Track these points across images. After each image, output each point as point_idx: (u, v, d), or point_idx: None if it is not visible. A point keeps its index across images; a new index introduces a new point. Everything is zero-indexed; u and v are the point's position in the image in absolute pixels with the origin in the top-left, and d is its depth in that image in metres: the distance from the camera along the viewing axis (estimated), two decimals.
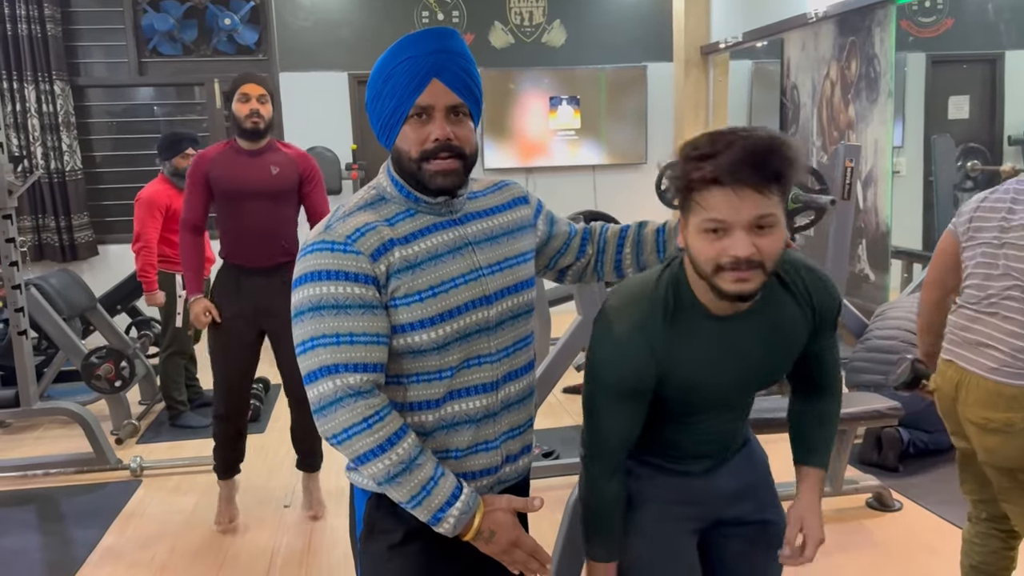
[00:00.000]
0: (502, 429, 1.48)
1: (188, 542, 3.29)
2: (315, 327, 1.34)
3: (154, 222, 4.45)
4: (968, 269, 2.15)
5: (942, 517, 3.25)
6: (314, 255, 1.36)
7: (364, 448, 1.33)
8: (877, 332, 4.02)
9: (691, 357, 1.43)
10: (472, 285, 1.42)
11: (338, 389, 1.33)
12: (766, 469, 1.69)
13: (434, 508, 1.35)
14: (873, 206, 4.97)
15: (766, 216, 1.28)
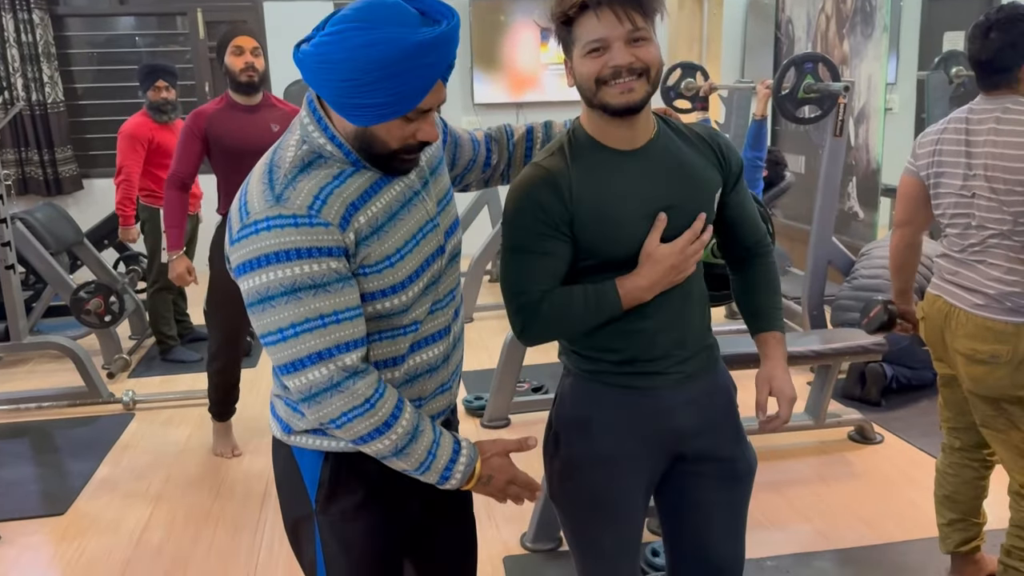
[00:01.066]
0: (452, 370, 1.48)
1: (183, 472, 3.34)
2: (295, 312, 1.22)
3: (136, 156, 4.40)
4: (945, 219, 2.18)
5: (922, 449, 3.33)
6: (273, 232, 1.21)
7: (368, 428, 1.28)
8: (863, 271, 4.05)
9: (598, 190, 1.45)
10: (429, 237, 1.37)
11: (333, 373, 1.25)
12: (731, 403, 1.64)
13: (441, 468, 1.34)
14: (864, 143, 4.95)
15: (639, 30, 1.38)
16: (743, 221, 1.63)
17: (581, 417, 1.56)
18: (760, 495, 3.00)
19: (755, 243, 1.65)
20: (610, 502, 1.57)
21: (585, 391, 1.57)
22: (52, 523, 2.98)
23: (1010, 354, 2.02)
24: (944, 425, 2.40)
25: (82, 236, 4.97)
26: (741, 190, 1.62)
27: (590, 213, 1.44)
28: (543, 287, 1.48)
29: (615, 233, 1.46)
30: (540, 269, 1.47)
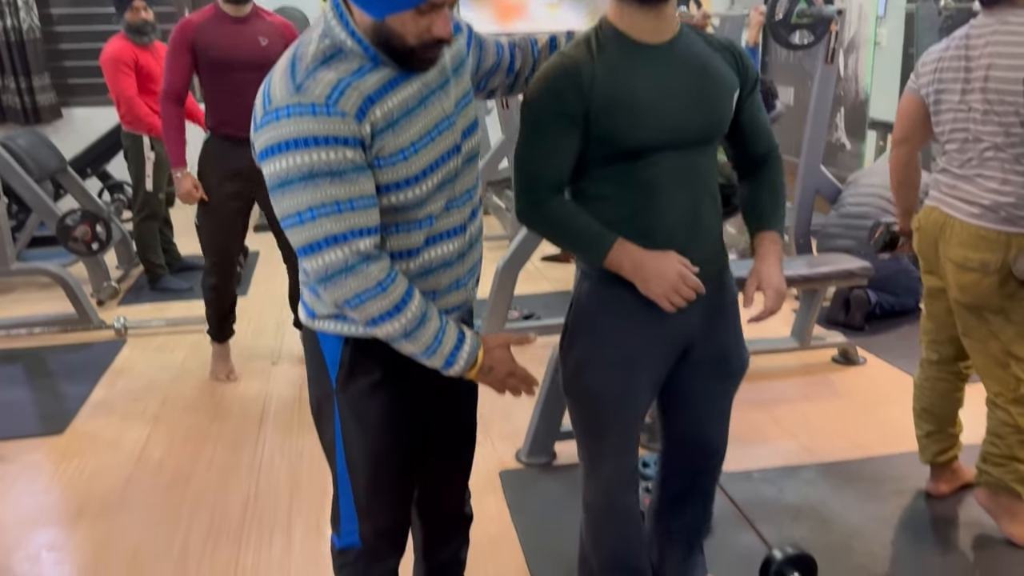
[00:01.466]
0: (468, 267, 1.54)
1: (179, 395, 3.38)
2: (312, 196, 1.28)
3: (127, 78, 4.31)
4: (944, 136, 2.22)
5: (903, 370, 3.43)
6: (293, 120, 1.26)
7: (380, 311, 1.35)
8: (850, 199, 4.10)
9: (620, 80, 1.51)
10: (445, 135, 1.41)
11: (348, 256, 1.31)
12: (736, 306, 1.77)
13: (446, 353, 1.42)
14: (854, 74, 4.96)
15: None
16: (756, 129, 1.69)
17: (597, 317, 1.66)
18: (747, 413, 3.09)
19: (766, 152, 1.72)
20: (620, 396, 1.68)
21: (602, 293, 1.65)
22: (51, 442, 3.02)
23: (999, 263, 2.08)
24: (924, 338, 2.48)
25: (65, 164, 4.91)
26: (756, 99, 1.68)
27: (610, 102, 1.50)
28: (552, 179, 1.56)
29: (632, 122, 1.51)
30: (551, 156, 1.55)
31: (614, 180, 1.58)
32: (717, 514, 2.44)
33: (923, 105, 2.27)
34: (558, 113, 1.51)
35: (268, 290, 4.63)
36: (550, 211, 1.58)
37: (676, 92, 1.53)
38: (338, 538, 1.62)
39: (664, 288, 1.54)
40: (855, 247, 3.88)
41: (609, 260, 1.56)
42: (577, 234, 1.57)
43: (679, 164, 1.57)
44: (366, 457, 1.53)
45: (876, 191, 4.00)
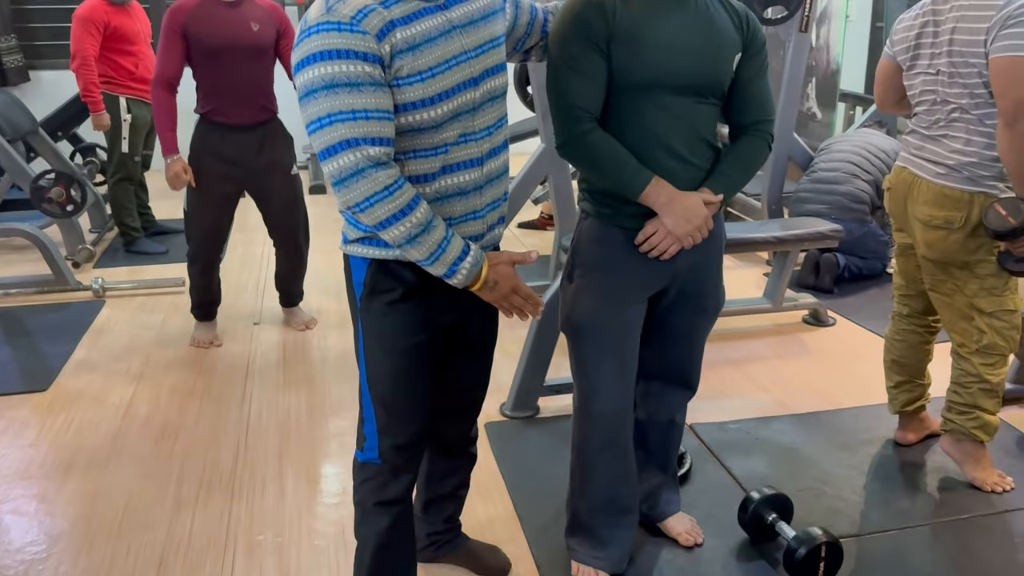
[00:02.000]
0: (486, 200, 1.63)
1: (162, 354, 3.39)
2: (331, 103, 1.40)
3: (91, 39, 4.24)
4: (915, 98, 2.32)
5: (871, 331, 3.55)
6: (321, 35, 1.39)
7: (387, 214, 1.45)
8: (822, 165, 4.20)
9: (638, 20, 1.65)
10: (463, 67, 1.51)
11: (359, 160, 1.42)
12: (721, 249, 1.91)
13: (449, 262, 1.52)
14: (825, 44, 5.05)
15: None
16: (749, 95, 1.78)
17: (596, 254, 1.81)
18: (722, 369, 3.20)
19: (755, 121, 1.80)
20: (614, 327, 1.81)
21: (601, 232, 1.80)
22: (36, 398, 3.03)
23: (963, 220, 2.18)
24: (896, 293, 2.58)
25: (37, 125, 4.84)
26: (757, 65, 1.76)
27: (627, 34, 1.63)
28: (590, 108, 1.67)
29: (643, 57, 1.64)
30: (587, 83, 1.66)
31: (619, 113, 1.70)
32: (694, 460, 2.55)
33: (896, 67, 2.36)
34: (588, 39, 1.64)
35: (245, 252, 4.63)
36: (594, 143, 1.68)
37: (685, 40, 1.66)
38: (360, 453, 1.74)
39: (690, 228, 1.70)
40: (825, 211, 3.99)
41: (646, 193, 1.69)
42: (620, 166, 1.68)
43: (677, 107, 1.69)
44: (383, 373, 1.65)
45: (846, 156, 4.10)
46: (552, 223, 5.12)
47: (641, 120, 1.69)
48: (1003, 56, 2.01)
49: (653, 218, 1.72)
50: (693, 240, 1.72)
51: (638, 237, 1.75)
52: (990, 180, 2.16)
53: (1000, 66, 2.02)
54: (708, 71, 1.70)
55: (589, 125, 1.68)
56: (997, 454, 2.52)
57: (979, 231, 2.18)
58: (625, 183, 1.69)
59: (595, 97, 1.68)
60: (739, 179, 1.78)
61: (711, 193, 1.73)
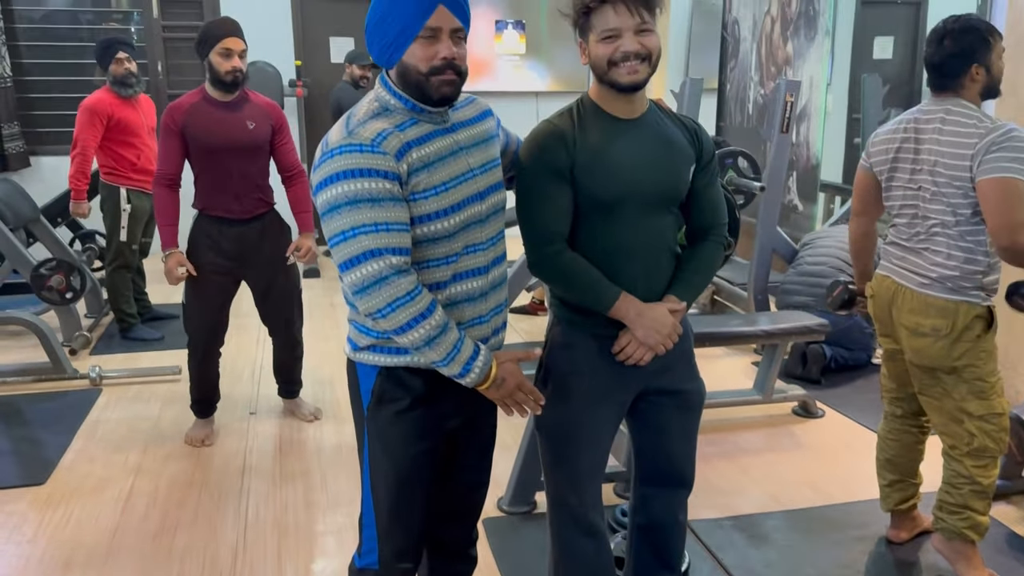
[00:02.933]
0: (490, 306, 1.75)
1: (159, 446, 3.41)
2: (354, 218, 1.53)
3: (93, 130, 4.37)
4: (895, 210, 2.44)
5: (859, 423, 3.63)
6: (344, 156, 1.53)
7: (408, 317, 1.55)
8: (808, 258, 4.34)
9: (598, 144, 1.76)
10: (470, 183, 1.66)
11: (383, 268, 1.53)
12: (689, 345, 1.97)
13: (463, 361, 1.62)
14: (805, 140, 5.26)
15: (645, 23, 1.70)
16: (705, 202, 1.92)
17: (567, 359, 1.89)
18: (716, 462, 3.25)
19: (710, 226, 1.94)
20: (586, 430, 1.89)
21: (571, 337, 1.89)
22: (34, 492, 3.02)
23: (949, 328, 2.28)
24: (886, 396, 2.66)
25: (39, 213, 4.92)
26: (710, 174, 1.92)
27: (590, 160, 1.76)
28: (558, 230, 1.78)
29: (606, 179, 1.77)
30: (553, 209, 1.77)
31: (588, 231, 1.81)
32: (692, 560, 2.58)
33: (875, 181, 2.48)
34: (553, 169, 1.75)
35: (240, 340, 4.67)
36: (564, 263, 1.79)
37: (643, 157, 1.79)
38: (359, 558, 1.79)
39: (659, 338, 1.80)
40: (813, 303, 4.11)
41: (616, 308, 1.79)
42: (589, 284, 1.79)
43: (642, 220, 1.81)
44: (388, 480, 1.71)
45: (832, 252, 4.25)
46: (544, 308, 5.22)
47: (609, 234, 1.80)
48: (989, 178, 2.15)
49: (625, 330, 1.82)
50: (665, 347, 1.82)
51: (613, 348, 1.83)
52: (973, 290, 2.27)
53: (987, 188, 2.16)
54: (669, 184, 1.83)
55: (559, 246, 1.78)
56: (988, 552, 2.57)
57: (965, 337, 2.28)
58: (595, 300, 1.80)
59: (563, 220, 1.78)
60: (700, 283, 1.91)
61: (676, 301, 1.84)
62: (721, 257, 1.96)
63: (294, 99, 6.60)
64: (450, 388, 1.69)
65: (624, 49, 1.69)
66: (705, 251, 1.92)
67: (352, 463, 3.22)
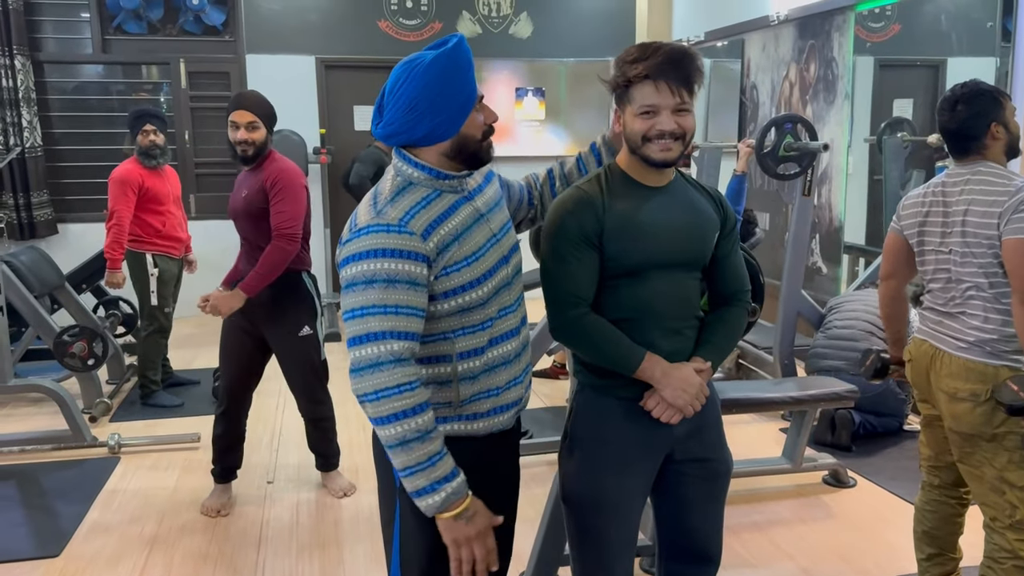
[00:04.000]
0: (523, 366, 1.76)
1: (175, 516, 3.35)
2: (366, 297, 1.51)
3: (127, 200, 4.44)
4: (928, 275, 2.40)
5: (893, 492, 3.51)
6: (370, 236, 1.53)
7: (389, 411, 1.50)
8: (837, 322, 4.26)
9: (626, 211, 1.75)
10: (494, 248, 1.67)
11: (381, 354, 1.50)
12: (717, 412, 1.92)
13: (434, 478, 1.53)
14: (827, 202, 5.23)
15: (685, 103, 1.70)
16: (728, 268, 1.90)
17: (593, 427, 1.84)
18: (745, 535, 3.14)
19: (734, 292, 1.92)
20: (615, 501, 1.82)
21: (596, 404, 1.84)
22: (47, 565, 2.97)
23: (988, 393, 2.21)
24: (924, 464, 2.57)
25: (64, 280, 4.97)
26: (732, 240, 1.91)
27: (618, 227, 1.75)
28: (583, 295, 1.76)
29: (636, 245, 1.76)
30: (579, 274, 1.75)
31: (612, 294, 1.79)
32: None
33: (906, 244, 2.45)
34: (581, 235, 1.74)
35: (260, 405, 4.62)
36: (587, 326, 1.76)
37: (671, 224, 1.79)
38: None
39: (688, 398, 1.75)
40: (844, 367, 4.02)
41: (641, 370, 1.75)
42: (614, 347, 1.75)
43: (668, 285, 1.80)
44: (421, 554, 1.65)
45: (860, 315, 4.17)
46: (565, 372, 5.16)
47: (635, 298, 1.78)
48: (1015, 238, 2.11)
49: (651, 391, 1.78)
50: (693, 408, 1.77)
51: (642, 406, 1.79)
52: (1012, 354, 2.20)
53: (1013, 247, 2.12)
54: (696, 249, 1.82)
55: (583, 310, 1.76)
56: None
57: None
58: (620, 362, 1.76)
59: (588, 285, 1.76)
60: (725, 346, 1.87)
61: (702, 362, 1.81)
62: (745, 321, 1.94)
63: (318, 166, 6.69)
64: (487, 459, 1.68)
65: (660, 127, 1.69)
66: (730, 315, 1.90)
67: (370, 536, 3.15)
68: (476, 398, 1.67)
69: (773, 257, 5.31)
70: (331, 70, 6.90)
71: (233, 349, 3.30)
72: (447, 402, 1.66)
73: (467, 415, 1.68)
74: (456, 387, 1.65)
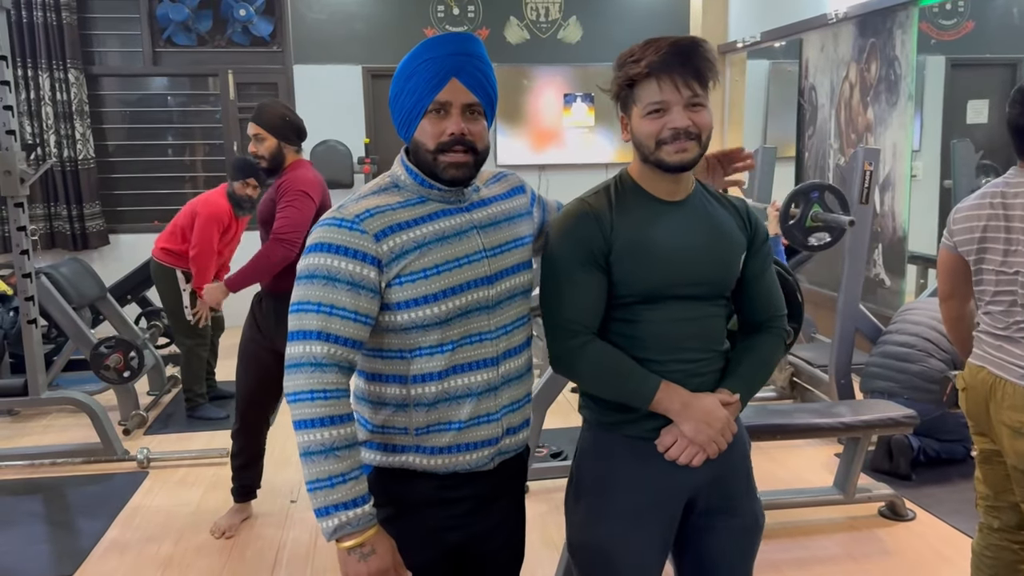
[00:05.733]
0: (503, 403, 1.54)
1: (193, 536, 3.28)
2: (305, 292, 1.43)
3: (215, 236, 4.39)
4: (986, 296, 2.15)
5: (955, 527, 3.21)
6: (322, 228, 1.45)
7: (301, 416, 1.40)
8: (895, 337, 3.96)
9: (636, 229, 1.56)
10: (475, 265, 1.50)
11: (303, 355, 1.41)
12: (745, 456, 1.70)
13: (333, 501, 1.39)
14: (890, 210, 4.91)
15: (697, 96, 1.50)
16: (760, 291, 1.68)
17: (600, 471, 1.63)
18: (788, 573, 2.89)
19: (767, 318, 1.68)
20: (627, 557, 1.60)
21: (604, 444, 1.63)
22: None
23: None
24: (981, 504, 2.31)
25: (105, 291, 4.99)
26: (763, 259, 1.67)
27: (627, 247, 1.55)
28: (586, 322, 1.56)
29: (646, 268, 1.55)
30: (581, 298, 1.56)
31: (622, 323, 1.59)
32: None
33: (962, 260, 2.20)
34: (585, 253, 1.55)
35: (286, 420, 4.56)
36: (591, 354, 1.56)
37: (687, 245, 1.57)
38: None
39: (711, 433, 1.54)
40: (897, 390, 3.73)
41: (657, 400, 1.54)
42: (624, 376, 1.55)
43: (685, 314, 1.58)
44: None
45: (920, 331, 3.86)
46: None
47: (647, 328, 1.57)
48: None
49: (669, 426, 1.56)
50: (718, 446, 1.55)
51: (656, 443, 1.57)
52: None
53: None
54: (716, 274, 1.60)
55: (584, 338, 1.56)
56: None
57: None
58: (632, 393, 1.55)
59: (592, 312, 1.57)
60: (756, 379, 1.64)
61: (729, 394, 1.58)
62: (780, 351, 1.69)
63: (362, 175, 6.64)
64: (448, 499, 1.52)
65: (673, 125, 1.50)
66: (762, 344, 1.66)
67: None
68: (434, 428, 1.50)
69: (832, 268, 5.02)
70: (377, 79, 6.85)
71: (249, 363, 3.20)
72: (403, 428, 1.51)
73: (426, 448, 1.51)
74: (411, 413, 1.50)
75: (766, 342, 1.66)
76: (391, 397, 1.51)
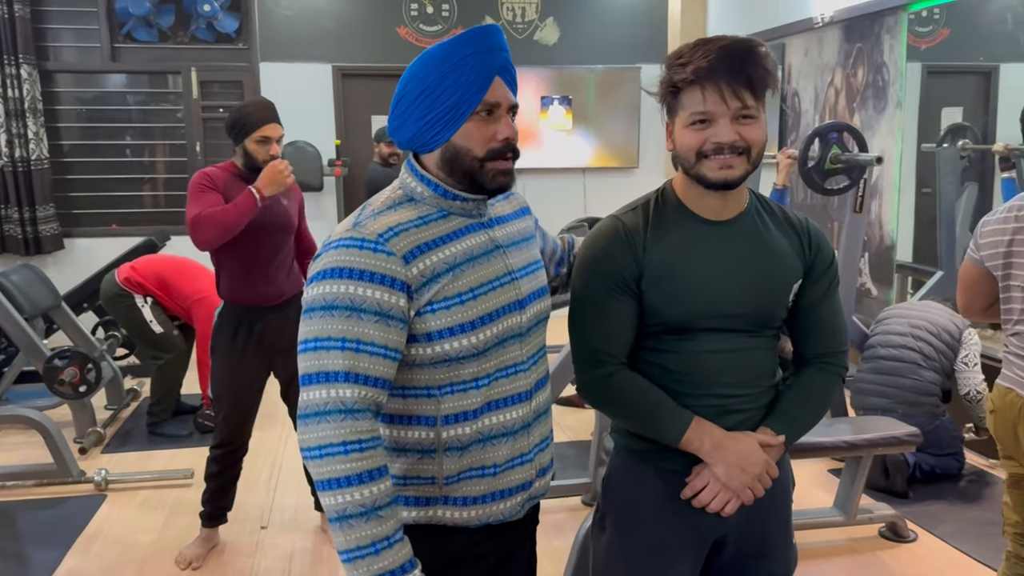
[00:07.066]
0: (535, 441, 1.41)
1: (157, 566, 3.04)
2: (323, 327, 1.22)
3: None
4: (1016, 314, 2.05)
5: (957, 548, 3.10)
6: (340, 251, 1.24)
7: (331, 474, 1.19)
8: (880, 351, 3.84)
9: (674, 252, 1.43)
10: (507, 288, 1.35)
11: (328, 401, 1.20)
12: (785, 496, 1.56)
13: (374, 571, 1.20)
14: (877, 219, 4.83)
15: (747, 108, 1.35)
16: (819, 322, 1.51)
17: (628, 501, 1.52)
18: None
19: (819, 354, 1.52)
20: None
21: (633, 473, 1.52)
22: None
23: None
24: (1009, 530, 2.18)
25: (60, 300, 4.70)
26: (824, 286, 1.50)
27: (658, 273, 1.42)
28: (613, 351, 1.45)
29: (680, 296, 1.41)
30: (609, 326, 1.44)
31: (655, 353, 1.45)
32: None
33: (987, 274, 2.09)
34: (615, 278, 1.43)
35: (261, 440, 4.32)
36: (618, 385, 1.45)
37: (725, 272, 1.42)
38: None
39: (747, 479, 1.40)
40: (891, 406, 3.62)
41: (687, 439, 1.41)
42: (652, 409, 1.42)
43: (726, 347, 1.43)
44: None
45: (905, 342, 3.73)
46: None
47: (682, 361, 1.43)
48: None
49: (700, 466, 1.43)
50: (754, 492, 1.42)
51: (685, 492, 1.45)
52: None
53: None
54: (762, 305, 1.44)
55: (611, 368, 1.45)
56: None
57: None
58: (661, 428, 1.42)
59: (621, 340, 1.45)
60: (806, 419, 1.49)
61: (772, 434, 1.44)
62: (835, 391, 1.53)
63: (332, 178, 6.41)
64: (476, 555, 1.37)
65: (717, 139, 1.35)
66: (814, 382, 1.50)
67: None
68: (466, 476, 1.33)
69: None
70: (348, 79, 6.62)
71: (243, 388, 2.94)
72: (430, 478, 1.32)
73: (456, 498, 1.33)
74: (440, 459, 1.31)
75: (818, 379, 1.51)
76: (415, 442, 1.32)
